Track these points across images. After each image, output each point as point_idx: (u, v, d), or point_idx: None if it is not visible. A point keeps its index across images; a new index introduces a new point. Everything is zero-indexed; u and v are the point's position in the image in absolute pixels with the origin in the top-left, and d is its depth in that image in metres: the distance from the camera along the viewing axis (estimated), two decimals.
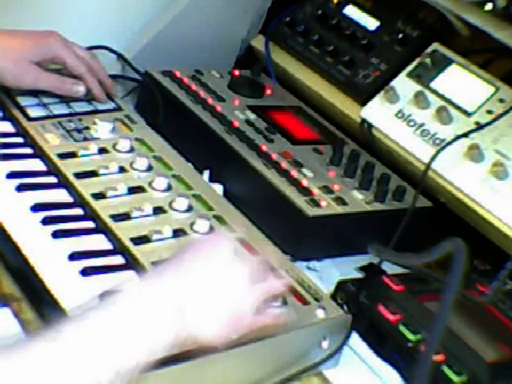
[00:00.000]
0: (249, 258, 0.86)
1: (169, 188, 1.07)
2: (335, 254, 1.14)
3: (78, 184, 1.05)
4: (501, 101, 1.18)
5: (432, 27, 1.33)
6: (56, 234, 0.96)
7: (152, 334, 0.73)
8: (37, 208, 0.99)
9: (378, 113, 1.25)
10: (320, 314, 0.92)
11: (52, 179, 1.07)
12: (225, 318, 0.78)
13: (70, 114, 1.20)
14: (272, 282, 0.85)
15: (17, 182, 1.03)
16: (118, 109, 1.25)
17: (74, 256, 0.93)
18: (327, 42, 1.38)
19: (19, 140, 1.14)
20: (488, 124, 1.16)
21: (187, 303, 0.76)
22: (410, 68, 1.27)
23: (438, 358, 0.91)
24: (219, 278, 0.80)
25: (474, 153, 1.13)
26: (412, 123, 1.21)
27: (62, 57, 1.20)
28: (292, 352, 0.90)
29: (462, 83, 1.22)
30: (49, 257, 0.93)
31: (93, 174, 1.07)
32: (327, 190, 1.14)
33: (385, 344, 0.96)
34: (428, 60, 1.25)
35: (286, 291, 0.89)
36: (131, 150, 1.14)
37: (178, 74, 1.36)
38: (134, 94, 1.40)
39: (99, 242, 0.97)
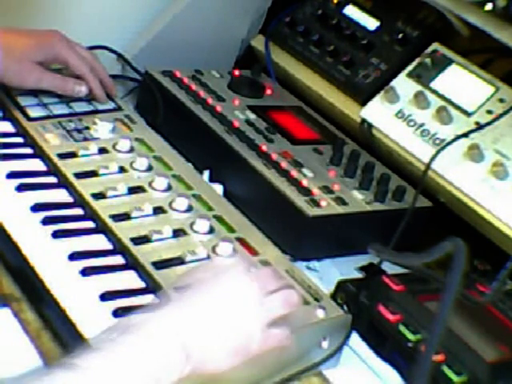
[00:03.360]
0: (259, 274, 0.84)
1: (169, 188, 1.07)
2: (335, 254, 1.14)
3: (78, 184, 1.05)
4: (501, 101, 1.18)
5: (432, 27, 1.33)
6: (56, 234, 0.96)
7: (158, 371, 0.71)
8: (37, 208, 0.99)
9: (378, 113, 1.25)
10: (320, 313, 0.92)
11: (52, 179, 1.07)
12: (231, 349, 0.77)
13: (70, 114, 1.20)
14: (278, 302, 0.83)
15: (17, 182, 1.03)
16: (118, 109, 1.25)
17: (74, 256, 0.93)
18: (327, 42, 1.38)
19: (19, 140, 1.14)
20: (488, 124, 1.16)
21: (192, 338, 0.74)
22: (410, 68, 1.27)
23: (438, 357, 0.91)
24: (225, 307, 0.78)
25: (474, 153, 1.13)
26: (412, 123, 1.21)
27: (64, 57, 1.20)
28: (292, 352, 0.89)
29: (462, 83, 1.22)
30: (49, 257, 0.93)
31: (93, 173, 1.07)
32: (327, 189, 1.14)
33: (385, 344, 0.96)
34: (428, 60, 1.25)
35: (299, 304, 0.87)
36: (131, 150, 1.14)
37: (178, 74, 1.36)
38: (134, 94, 1.40)
39: (99, 241, 0.97)
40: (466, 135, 1.16)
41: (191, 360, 0.73)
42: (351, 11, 1.40)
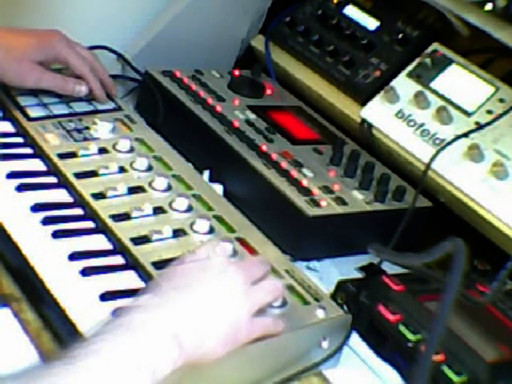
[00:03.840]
0: (243, 264, 0.87)
1: (169, 188, 1.07)
2: (335, 254, 1.14)
3: (78, 184, 1.05)
4: (501, 101, 1.18)
5: (432, 27, 1.33)
6: (56, 234, 0.96)
7: (153, 363, 0.73)
8: (37, 208, 0.99)
9: (378, 113, 1.25)
10: (320, 314, 0.92)
11: (52, 179, 1.07)
12: (221, 336, 0.79)
13: (70, 114, 1.20)
14: (264, 290, 0.85)
15: (17, 182, 1.03)
16: (118, 109, 1.25)
17: (74, 256, 0.93)
18: (327, 42, 1.38)
19: (19, 140, 1.14)
20: (488, 124, 1.16)
21: (183, 329, 0.76)
22: (410, 68, 1.27)
23: (438, 357, 0.91)
24: (212, 296, 0.80)
25: (474, 153, 1.13)
26: (412, 123, 1.21)
27: (64, 56, 1.20)
28: (292, 352, 0.90)
29: (462, 83, 1.22)
30: (49, 257, 0.93)
31: (93, 173, 1.07)
32: (327, 189, 1.14)
33: (385, 344, 0.96)
34: (428, 60, 1.25)
35: (283, 293, 0.89)
36: (131, 150, 1.14)
37: (178, 74, 1.36)
38: (134, 94, 1.40)
39: (99, 241, 0.97)
40: (466, 135, 1.16)
41: (183, 350, 0.75)
42: (351, 11, 1.40)
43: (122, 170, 1.09)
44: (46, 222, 0.97)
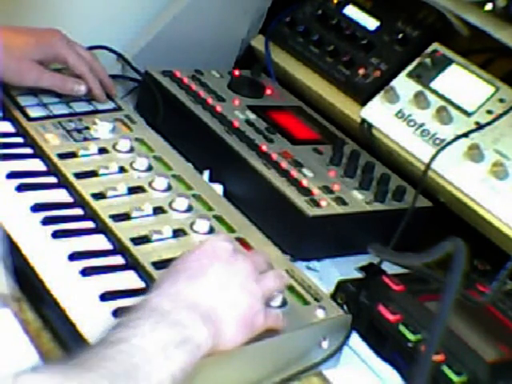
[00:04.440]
0: (246, 258, 0.87)
1: (169, 188, 1.07)
2: (335, 254, 1.14)
3: (78, 184, 1.05)
4: (501, 101, 1.18)
5: (432, 27, 1.33)
6: (56, 234, 0.96)
7: (194, 337, 0.75)
8: (37, 208, 0.99)
9: (378, 113, 1.25)
10: (320, 314, 0.92)
11: (52, 179, 1.07)
12: (240, 321, 0.80)
13: (70, 114, 1.20)
14: (271, 278, 0.86)
15: (17, 182, 1.03)
16: (118, 109, 1.25)
17: (74, 256, 0.93)
18: (327, 42, 1.38)
19: (19, 140, 1.14)
20: (488, 124, 1.16)
21: (207, 308, 0.78)
22: (410, 68, 1.27)
23: (438, 358, 0.91)
24: (227, 283, 0.81)
25: (474, 153, 1.13)
26: (412, 123, 1.21)
27: (63, 56, 1.20)
28: (292, 352, 0.90)
29: (462, 83, 1.22)
30: (49, 257, 0.93)
31: (93, 173, 1.07)
32: (327, 189, 1.14)
33: (385, 344, 0.96)
34: (428, 60, 1.25)
35: (285, 286, 0.90)
36: (131, 150, 1.14)
37: (178, 74, 1.36)
38: (134, 94, 1.40)
39: (99, 241, 0.97)
40: (466, 135, 1.16)
41: (216, 327, 0.77)
42: (351, 11, 1.40)
43: (122, 169, 1.09)
44: (46, 222, 0.97)
